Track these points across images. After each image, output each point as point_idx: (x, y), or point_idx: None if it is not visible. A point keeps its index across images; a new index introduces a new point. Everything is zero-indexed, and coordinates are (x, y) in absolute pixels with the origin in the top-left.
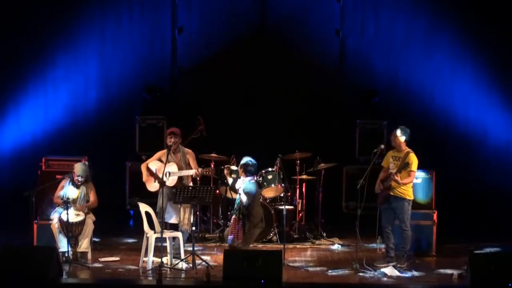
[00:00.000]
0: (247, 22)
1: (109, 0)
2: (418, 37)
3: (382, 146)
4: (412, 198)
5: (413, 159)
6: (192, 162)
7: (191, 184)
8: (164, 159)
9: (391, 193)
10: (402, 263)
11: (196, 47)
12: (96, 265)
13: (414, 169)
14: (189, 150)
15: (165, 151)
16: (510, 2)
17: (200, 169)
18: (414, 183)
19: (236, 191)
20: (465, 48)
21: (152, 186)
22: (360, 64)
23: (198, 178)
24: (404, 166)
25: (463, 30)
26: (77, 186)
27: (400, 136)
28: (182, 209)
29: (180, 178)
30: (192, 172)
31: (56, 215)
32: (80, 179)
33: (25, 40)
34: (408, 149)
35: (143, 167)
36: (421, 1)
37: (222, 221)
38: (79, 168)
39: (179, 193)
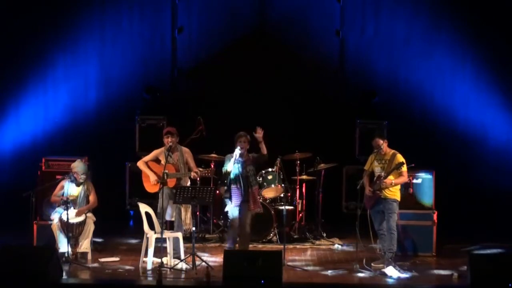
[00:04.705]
0: (247, 22)
1: (109, 0)
2: (418, 37)
3: (383, 146)
4: (399, 199)
5: (403, 159)
6: (191, 162)
7: (188, 183)
8: (161, 157)
9: (381, 195)
10: (391, 264)
11: (196, 47)
12: (96, 265)
13: (405, 169)
14: (187, 149)
15: (162, 149)
16: (510, 2)
17: (199, 171)
18: (415, 183)
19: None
20: (465, 48)
21: (151, 187)
22: (360, 64)
23: (198, 179)
24: (398, 167)
25: (463, 30)
26: (78, 185)
27: (383, 140)
28: (183, 209)
29: (178, 179)
30: (190, 174)
31: (57, 215)
32: (82, 176)
33: (25, 40)
34: (393, 150)
35: (141, 165)
36: (421, 1)
37: (222, 221)
38: (77, 165)
39: (179, 193)
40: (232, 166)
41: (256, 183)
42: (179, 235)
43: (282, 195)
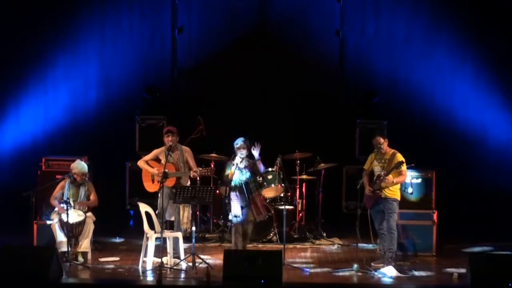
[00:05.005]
0: (247, 22)
1: (109, 0)
2: (418, 37)
3: (383, 145)
4: (399, 198)
5: (403, 159)
6: (191, 161)
7: (188, 183)
8: (161, 157)
9: (381, 195)
10: (391, 264)
11: (196, 47)
12: (96, 265)
13: (405, 168)
14: (187, 148)
15: (162, 148)
16: (510, 2)
17: (199, 170)
18: (414, 183)
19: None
20: (465, 48)
21: (151, 186)
22: (360, 64)
23: (197, 178)
24: (397, 166)
25: (463, 30)
26: (78, 185)
27: (384, 139)
28: (181, 208)
29: (178, 178)
30: (190, 173)
31: (57, 215)
32: (82, 176)
33: (25, 40)
34: (393, 150)
35: (142, 163)
36: (421, 1)
37: (222, 221)
38: (77, 165)
39: (179, 193)
40: (233, 174)
41: (256, 189)
42: (179, 235)
43: (282, 194)
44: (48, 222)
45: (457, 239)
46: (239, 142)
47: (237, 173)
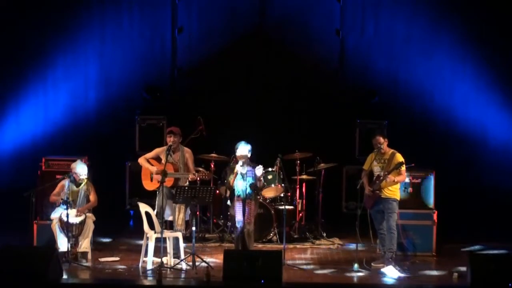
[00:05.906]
0: (247, 22)
1: (109, 0)
2: (418, 37)
3: (383, 145)
4: (399, 198)
5: (402, 159)
6: (190, 163)
7: (187, 183)
8: (162, 156)
9: (381, 195)
10: (391, 264)
11: (196, 47)
12: (96, 265)
13: (404, 168)
14: (189, 150)
15: (164, 148)
16: (510, 2)
17: (196, 174)
18: (414, 183)
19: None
20: (465, 48)
21: (149, 184)
22: (360, 64)
23: (198, 179)
24: (398, 166)
25: (463, 30)
26: (78, 185)
27: (385, 139)
28: (177, 209)
29: (176, 179)
30: (188, 175)
31: (57, 215)
32: (82, 176)
33: (25, 40)
34: (392, 150)
35: (142, 161)
36: (421, 1)
37: (222, 221)
38: (77, 165)
39: (179, 193)
40: (234, 182)
41: (253, 197)
42: (179, 235)
43: (282, 194)
44: (49, 221)
45: (457, 239)
46: (238, 147)
47: (240, 182)
